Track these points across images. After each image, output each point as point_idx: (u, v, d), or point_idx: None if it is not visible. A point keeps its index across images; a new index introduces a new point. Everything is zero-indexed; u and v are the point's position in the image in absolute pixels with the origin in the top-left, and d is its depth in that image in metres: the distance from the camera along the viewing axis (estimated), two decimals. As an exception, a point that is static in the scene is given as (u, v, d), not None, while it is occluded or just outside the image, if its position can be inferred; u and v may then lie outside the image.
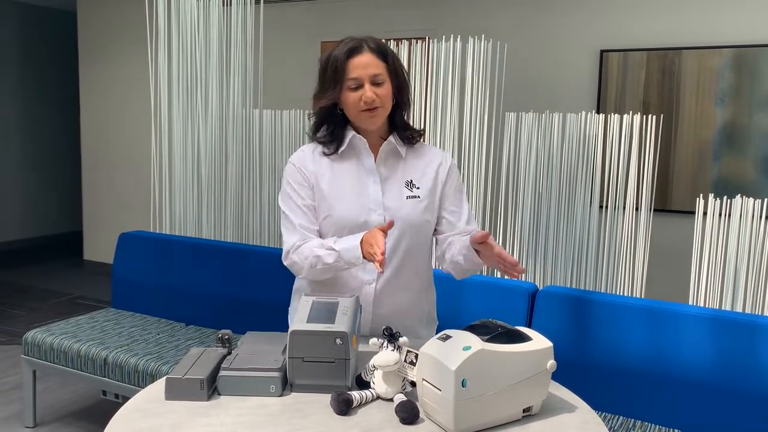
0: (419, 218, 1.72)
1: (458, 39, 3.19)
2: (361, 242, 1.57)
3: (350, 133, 1.71)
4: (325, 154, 1.73)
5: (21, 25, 6.96)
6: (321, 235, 1.71)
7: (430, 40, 3.25)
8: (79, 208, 6.47)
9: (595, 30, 4.13)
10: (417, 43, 3.28)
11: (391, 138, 1.73)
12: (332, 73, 1.65)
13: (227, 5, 3.63)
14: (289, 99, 4.99)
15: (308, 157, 1.75)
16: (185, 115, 3.62)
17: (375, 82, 1.64)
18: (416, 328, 1.78)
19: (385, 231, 1.54)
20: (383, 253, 1.45)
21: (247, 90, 3.65)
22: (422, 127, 1.89)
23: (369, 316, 1.73)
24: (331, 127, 1.73)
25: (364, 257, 1.56)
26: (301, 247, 1.67)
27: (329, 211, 1.70)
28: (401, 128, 1.75)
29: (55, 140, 7.37)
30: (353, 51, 1.64)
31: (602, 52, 4.09)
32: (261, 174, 3.65)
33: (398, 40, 3.36)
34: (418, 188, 1.73)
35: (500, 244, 3.20)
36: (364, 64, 1.64)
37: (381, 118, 1.69)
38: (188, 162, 3.64)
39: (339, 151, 1.72)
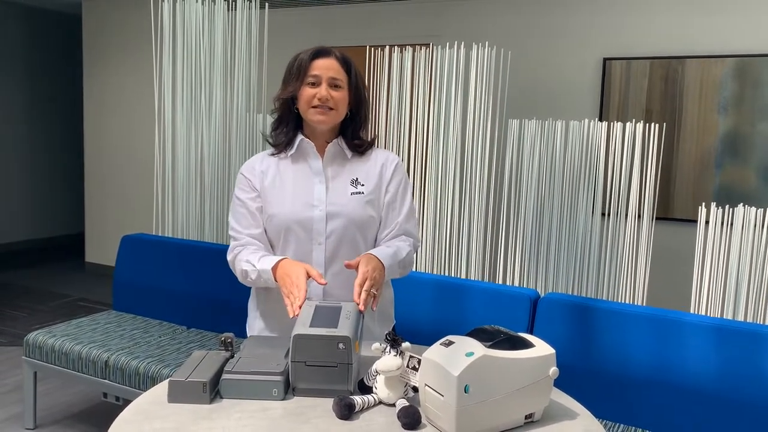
0: (363, 213, 1.74)
1: (462, 46, 3.20)
2: (278, 270, 1.61)
3: (299, 138, 1.77)
4: (273, 155, 1.80)
5: (25, 27, 6.99)
6: (267, 236, 1.76)
7: (434, 47, 3.26)
8: (82, 211, 6.48)
9: (598, 38, 4.15)
10: (421, 49, 3.29)
11: (336, 140, 1.77)
12: (296, 70, 1.73)
13: (232, 9, 3.64)
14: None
15: (257, 160, 1.81)
16: (189, 119, 3.63)
17: (333, 85, 1.70)
18: (367, 324, 1.72)
19: (313, 277, 1.57)
20: (300, 306, 1.48)
21: (250, 94, 3.66)
22: (372, 136, 1.92)
23: None
24: (285, 126, 1.79)
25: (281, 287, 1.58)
26: (238, 255, 1.73)
27: (272, 209, 1.74)
28: (351, 138, 1.79)
29: (59, 143, 7.38)
30: (319, 53, 1.73)
31: (605, 60, 4.10)
32: (264, 178, 3.65)
33: (402, 47, 3.37)
34: (362, 185, 1.77)
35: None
36: (327, 66, 1.71)
37: (331, 120, 1.73)
38: (191, 165, 3.64)
39: (288, 154, 1.77)
